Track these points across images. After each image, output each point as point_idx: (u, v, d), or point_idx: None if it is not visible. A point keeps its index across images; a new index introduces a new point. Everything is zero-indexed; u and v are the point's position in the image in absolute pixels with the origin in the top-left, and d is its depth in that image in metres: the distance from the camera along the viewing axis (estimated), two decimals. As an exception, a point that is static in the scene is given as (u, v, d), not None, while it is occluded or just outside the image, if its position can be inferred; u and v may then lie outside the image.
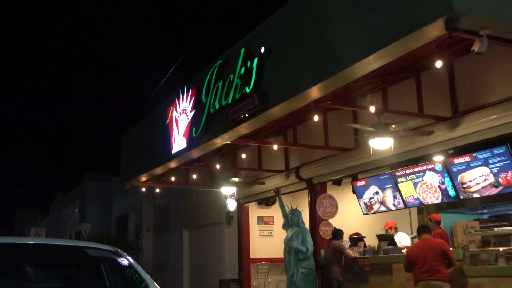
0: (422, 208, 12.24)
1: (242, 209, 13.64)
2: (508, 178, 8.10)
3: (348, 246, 10.40)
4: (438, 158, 8.97)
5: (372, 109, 7.43)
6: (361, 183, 10.74)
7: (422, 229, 8.09)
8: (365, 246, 10.20)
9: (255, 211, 14.30)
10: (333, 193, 11.91)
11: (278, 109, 7.39)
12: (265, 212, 14.04)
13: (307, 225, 10.93)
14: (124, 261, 4.24)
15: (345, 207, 12.59)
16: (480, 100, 7.95)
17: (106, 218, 24.55)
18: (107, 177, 26.29)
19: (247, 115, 7.65)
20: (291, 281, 10.26)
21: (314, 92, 6.80)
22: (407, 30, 5.18)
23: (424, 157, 9.02)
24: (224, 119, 8.27)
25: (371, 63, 5.90)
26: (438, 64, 6.36)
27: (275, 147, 9.97)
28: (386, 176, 10.06)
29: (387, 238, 9.93)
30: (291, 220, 10.63)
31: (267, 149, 12.27)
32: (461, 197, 8.91)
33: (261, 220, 14.51)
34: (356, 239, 10.48)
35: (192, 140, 9.41)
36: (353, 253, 9.89)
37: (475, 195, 8.63)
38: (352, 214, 11.97)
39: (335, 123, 10.16)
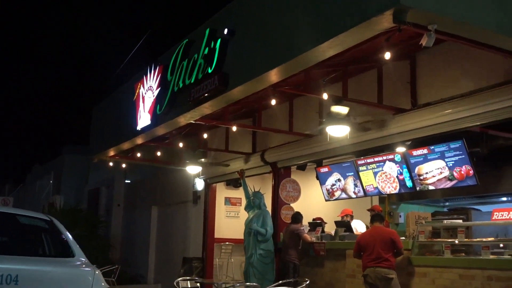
0: (384, 198, 12.46)
1: (209, 189, 13.74)
2: (462, 172, 8.27)
3: (307, 230, 10.57)
4: (399, 149, 9.13)
5: (325, 96, 7.52)
6: (324, 169, 10.88)
7: (375, 217, 8.26)
8: (323, 231, 10.36)
9: (223, 192, 14.40)
10: (298, 178, 12.05)
11: (238, 91, 7.44)
12: (233, 193, 14.14)
13: (269, 208, 11.07)
14: (55, 229, 4.31)
15: (309, 193, 12.75)
16: (439, 94, 8.07)
17: (81, 192, 24.54)
18: (85, 151, 26.20)
19: (207, 95, 7.70)
20: (249, 262, 10.42)
21: (272, 76, 6.86)
22: (357, 20, 5.25)
23: (384, 147, 9.15)
24: (187, 98, 8.31)
25: (326, 50, 5.96)
26: (387, 55, 6.44)
27: (234, 128, 10.04)
28: (348, 164, 10.20)
29: (344, 225, 10.11)
30: (253, 202, 10.77)
31: (235, 131, 12.35)
32: (418, 188, 9.08)
33: (228, 201, 14.62)
34: (315, 224, 10.64)
35: (157, 117, 9.45)
36: (310, 237, 10.06)
37: (431, 187, 8.80)
38: (315, 200, 12.12)
39: (301, 110, 10.25)
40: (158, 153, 12.54)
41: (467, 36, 5.60)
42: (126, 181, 19.42)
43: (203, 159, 11.64)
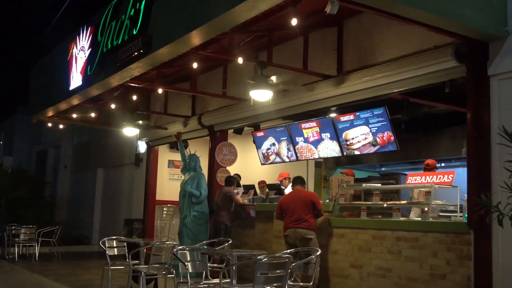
0: (321, 162, 12.78)
1: (151, 152, 13.80)
2: (384, 138, 8.53)
3: (242, 193, 10.77)
4: (327, 115, 9.35)
5: (240, 60, 7.61)
6: (260, 134, 11.06)
7: (296, 180, 8.48)
8: (255, 194, 10.58)
9: (166, 155, 14.51)
10: (239, 143, 12.21)
11: (163, 52, 7.45)
12: (177, 156, 14.17)
13: (205, 171, 11.21)
14: None
15: (249, 157, 12.96)
16: (364, 61, 8.22)
17: (32, 153, 24.22)
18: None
19: (132, 56, 7.70)
20: (183, 223, 10.58)
21: (194, 39, 6.89)
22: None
23: (313, 112, 9.36)
24: (115, 59, 8.29)
25: (240, 14, 5.97)
26: (294, 22, 6.52)
27: (160, 91, 10.06)
28: (282, 128, 10.39)
29: (275, 188, 10.34)
30: (188, 164, 10.87)
31: (175, 94, 12.38)
32: (345, 153, 9.34)
33: (172, 163, 14.75)
34: (248, 186, 10.85)
35: (88, 78, 9.40)
36: (242, 200, 10.27)
37: (356, 152, 9.06)
38: (256, 164, 12.34)
39: (235, 74, 10.31)
40: (97, 115, 12.49)
41: (378, 7, 5.70)
42: (74, 141, 19.27)
43: (140, 121, 11.65)
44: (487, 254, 6.13)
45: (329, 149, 9.53)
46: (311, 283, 6.20)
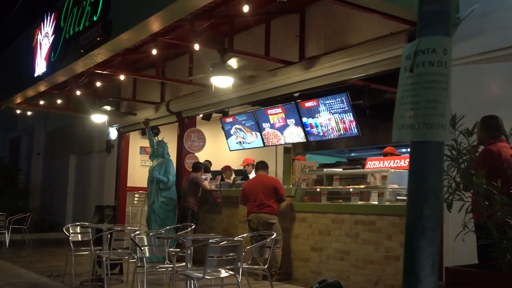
0: (289, 148, 12.90)
1: (122, 138, 13.80)
2: (346, 124, 8.67)
3: (209, 179, 10.85)
4: (292, 101, 9.44)
5: (197, 47, 7.66)
6: (229, 119, 11.14)
7: (258, 166, 8.59)
8: (222, 179, 10.67)
9: (138, 141, 14.50)
10: (208, 129, 12.27)
11: (123, 39, 7.47)
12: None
13: (174, 157, 11.27)
14: None
15: (218, 143, 13.03)
16: (326, 47, 8.32)
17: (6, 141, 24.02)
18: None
19: (93, 43, 7.71)
20: (151, 209, 10.63)
21: (153, 25, 6.92)
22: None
23: (276, 98, 9.45)
24: (77, 46, 8.28)
25: (196, 1, 6.06)
26: (246, 8, 6.58)
27: (122, 77, 10.07)
28: (249, 115, 10.48)
29: (242, 174, 10.44)
30: (156, 151, 10.91)
31: (145, 81, 12.38)
32: (310, 139, 9.47)
33: (143, 150, 14.73)
34: (216, 172, 10.94)
35: (52, 65, 9.37)
36: (209, 185, 10.35)
37: (320, 138, 9.19)
38: (225, 150, 12.41)
39: (201, 61, 10.34)
40: (66, 101, 12.44)
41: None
42: (47, 128, 19.16)
43: (108, 107, 11.63)
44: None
45: (294, 134, 9.64)
46: (266, 266, 6.32)
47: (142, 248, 6.22)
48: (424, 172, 1.85)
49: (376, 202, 7.57)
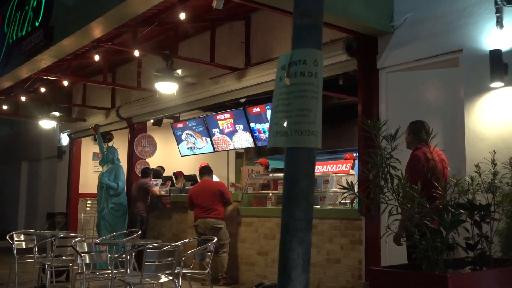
0: (242, 153, 13.00)
1: (74, 144, 13.65)
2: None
3: (160, 184, 10.85)
4: (240, 107, 9.53)
5: (136, 53, 7.70)
6: (180, 125, 11.17)
7: (203, 171, 8.65)
8: (172, 185, 10.68)
9: (91, 147, 14.35)
10: (160, 135, 12.26)
11: (66, 44, 7.42)
12: (102, 148, 14.12)
13: (124, 162, 11.21)
14: None
15: (171, 148, 13.01)
16: (269, 54, 8.44)
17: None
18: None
19: (36, 48, 7.64)
20: (101, 215, 10.56)
21: (94, 31, 6.91)
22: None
23: (219, 105, 9.56)
24: (20, 51, 8.19)
25: (135, 6, 6.07)
26: (182, 16, 6.65)
27: (66, 83, 10.01)
28: (199, 120, 10.53)
29: (191, 179, 10.46)
30: (106, 157, 10.85)
31: (95, 87, 12.29)
32: (258, 144, 9.58)
33: (96, 156, 14.59)
34: (166, 178, 10.94)
35: (-4, 70, 9.23)
36: (158, 191, 10.35)
37: (266, 143, 9.30)
38: (176, 155, 12.41)
39: (149, 67, 10.35)
40: (15, 107, 12.24)
41: (266, 3, 5.88)
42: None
43: (57, 113, 11.50)
44: (376, 239, 6.46)
45: (243, 140, 9.73)
46: (207, 270, 6.38)
47: (82, 255, 6.19)
48: (296, 177, 1.95)
49: (318, 206, 7.73)
